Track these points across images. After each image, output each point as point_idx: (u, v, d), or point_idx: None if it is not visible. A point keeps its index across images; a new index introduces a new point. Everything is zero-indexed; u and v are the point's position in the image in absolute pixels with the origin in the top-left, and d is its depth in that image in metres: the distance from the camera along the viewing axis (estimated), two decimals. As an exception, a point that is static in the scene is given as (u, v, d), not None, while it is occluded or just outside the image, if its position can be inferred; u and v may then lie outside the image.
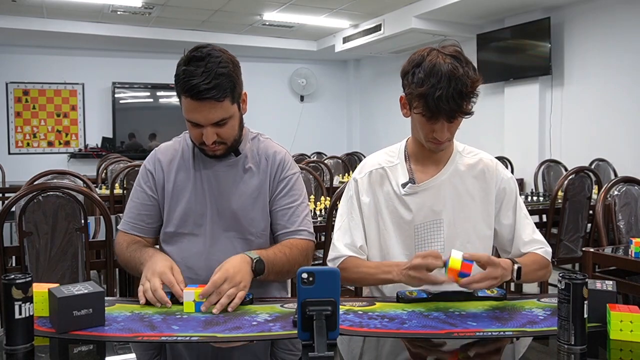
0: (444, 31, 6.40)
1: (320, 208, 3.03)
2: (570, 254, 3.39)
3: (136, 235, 1.59)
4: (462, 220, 1.49)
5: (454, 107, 1.33)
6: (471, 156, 1.53)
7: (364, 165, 1.57)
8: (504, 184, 1.52)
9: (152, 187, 1.58)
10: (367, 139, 9.00)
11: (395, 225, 1.50)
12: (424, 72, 1.34)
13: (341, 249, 1.51)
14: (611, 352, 1.05)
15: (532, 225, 1.53)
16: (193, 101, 1.39)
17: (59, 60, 7.78)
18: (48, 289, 1.17)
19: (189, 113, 1.43)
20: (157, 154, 1.61)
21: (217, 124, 1.44)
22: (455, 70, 1.32)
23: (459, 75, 1.32)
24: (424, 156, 1.51)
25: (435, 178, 1.49)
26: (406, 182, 1.49)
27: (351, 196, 1.55)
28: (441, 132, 1.39)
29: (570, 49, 5.56)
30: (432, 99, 1.32)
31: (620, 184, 2.44)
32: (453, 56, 1.36)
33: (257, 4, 6.18)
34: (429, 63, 1.34)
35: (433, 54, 1.37)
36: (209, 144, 1.45)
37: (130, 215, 1.60)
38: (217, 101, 1.39)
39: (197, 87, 1.36)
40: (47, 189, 2.09)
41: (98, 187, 4.52)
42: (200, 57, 1.39)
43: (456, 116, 1.36)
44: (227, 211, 1.55)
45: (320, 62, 9.22)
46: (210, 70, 1.38)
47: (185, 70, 1.39)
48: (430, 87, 1.32)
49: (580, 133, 5.46)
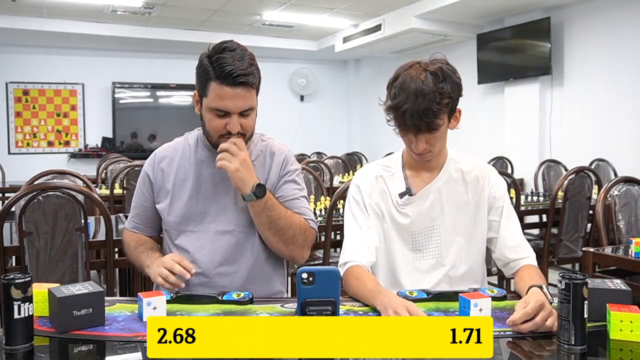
0: (444, 31, 6.40)
1: (320, 208, 3.03)
2: (570, 254, 3.39)
3: (140, 233, 1.66)
4: (457, 225, 1.52)
5: (418, 123, 1.38)
6: (464, 163, 1.57)
7: (364, 173, 1.61)
8: (493, 189, 1.54)
9: (149, 190, 1.62)
10: (367, 139, 8.99)
11: (395, 230, 1.53)
12: (397, 87, 1.41)
13: (352, 253, 1.49)
14: (611, 352, 1.05)
15: (518, 230, 1.54)
16: (227, 87, 1.42)
17: (59, 60, 7.78)
18: (48, 289, 1.17)
19: (219, 101, 1.44)
20: (157, 157, 1.64)
21: (242, 114, 1.48)
22: (425, 87, 1.36)
23: (427, 92, 1.36)
24: (418, 164, 1.55)
25: (430, 185, 1.53)
26: (403, 192, 1.52)
27: (357, 201, 1.56)
28: (418, 144, 1.43)
29: (570, 49, 5.56)
30: (399, 113, 1.39)
31: (620, 184, 2.44)
32: (432, 72, 1.39)
33: (257, 4, 6.18)
34: (401, 79, 1.41)
35: (413, 69, 1.41)
36: (234, 132, 1.47)
37: (133, 215, 1.67)
38: (251, 87, 1.45)
39: (234, 72, 1.41)
40: (47, 189, 2.09)
41: (98, 187, 4.52)
42: (232, 47, 1.45)
43: (422, 131, 1.40)
44: (230, 208, 1.56)
45: (320, 62, 9.21)
46: (243, 58, 1.44)
47: (219, 57, 1.43)
48: (398, 102, 1.39)
49: (580, 133, 5.46)
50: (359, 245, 1.50)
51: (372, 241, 1.52)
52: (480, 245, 1.55)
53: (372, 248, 1.51)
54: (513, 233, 1.53)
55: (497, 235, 1.53)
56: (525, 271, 1.45)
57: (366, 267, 1.47)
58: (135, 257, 1.59)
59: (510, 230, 1.53)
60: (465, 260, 1.52)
